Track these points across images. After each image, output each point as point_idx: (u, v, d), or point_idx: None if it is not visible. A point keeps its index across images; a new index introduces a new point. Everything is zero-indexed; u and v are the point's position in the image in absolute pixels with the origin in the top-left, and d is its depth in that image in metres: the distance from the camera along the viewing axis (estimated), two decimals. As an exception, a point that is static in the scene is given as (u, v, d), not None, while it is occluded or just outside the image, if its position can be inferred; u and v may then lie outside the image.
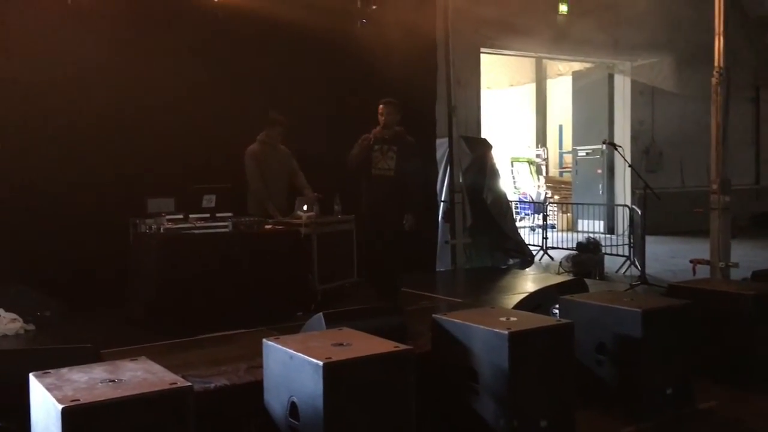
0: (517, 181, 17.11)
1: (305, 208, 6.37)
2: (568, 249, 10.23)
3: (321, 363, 2.90)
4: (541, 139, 18.11)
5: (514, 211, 11.84)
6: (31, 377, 2.73)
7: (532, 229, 13.28)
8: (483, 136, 10.02)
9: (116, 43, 6.58)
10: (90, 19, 6.34)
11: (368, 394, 3.03)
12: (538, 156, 17.70)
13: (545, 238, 10.96)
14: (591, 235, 10.54)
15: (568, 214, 14.25)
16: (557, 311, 4.46)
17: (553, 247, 10.82)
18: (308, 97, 7.47)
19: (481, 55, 10.47)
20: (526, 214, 15.32)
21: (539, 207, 14.17)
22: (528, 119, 18.32)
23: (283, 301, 5.96)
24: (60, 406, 2.37)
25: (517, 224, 11.33)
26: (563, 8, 11.25)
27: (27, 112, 6.27)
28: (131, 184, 6.59)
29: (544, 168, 17.61)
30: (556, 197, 15.76)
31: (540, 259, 10.34)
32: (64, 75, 6.36)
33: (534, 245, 10.61)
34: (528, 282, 8.17)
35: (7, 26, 6.13)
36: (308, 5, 6.99)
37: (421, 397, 3.31)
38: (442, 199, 9.09)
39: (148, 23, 6.77)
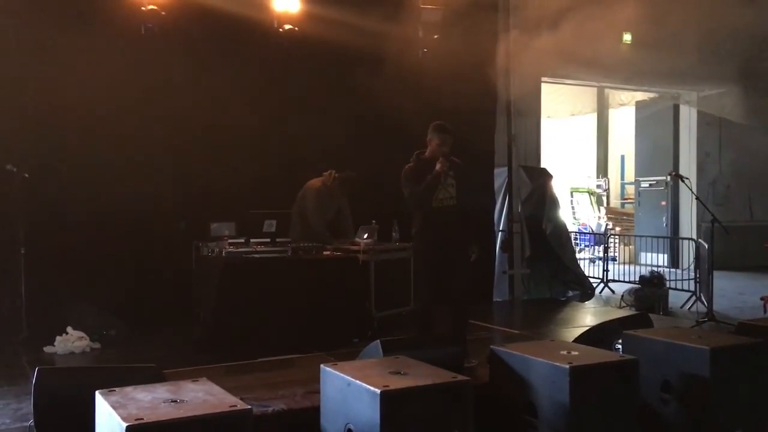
0: (576, 211, 16.84)
1: (365, 236, 6.42)
2: (630, 282, 9.97)
3: (378, 391, 2.89)
4: (602, 170, 17.81)
5: (573, 242, 11.62)
6: (97, 395, 2.80)
7: (592, 260, 13.01)
8: (542, 165, 9.91)
9: (184, 71, 6.82)
10: (160, 48, 6.59)
11: (425, 424, 2.99)
12: (598, 186, 17.40)
13: (606, 270, 10.71)
14: (654, 269, 10.25)
15: (630, 247, 13.91)
16: (620, 346, 4.33)
17: (614, 280, 10.56)
18: (368, 124, 7.55)
19: (543, 84, 10.40)
20: (585, 245, 15.03)
21: (599, 238, 13.88)
22: (589, 149, 18.05)
23: (339, 326, 5.98)
24: (125, 424, 2.43)
25: (577, 255, 11.11)
26: (627, 37, 11.09)
27: (94, 136, 6.51)
28: (196, 208, 6.76)
29: (604, 199, 17.29)
30: (617, 229, 15.42)
31: (600, 292, 10.10)
32: (132, 101, 6.62)
33: (594, 277, 10.38)
34: (588, 315, 7.98)
35: (85, 54, 6.41)
36: (370, 33, 7.09)
37: (478, 429, 3.25)
38: (501, 228, 9.01)
39: (215, 52, 6.99)
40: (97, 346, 5.76)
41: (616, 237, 14.09)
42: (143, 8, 6.03)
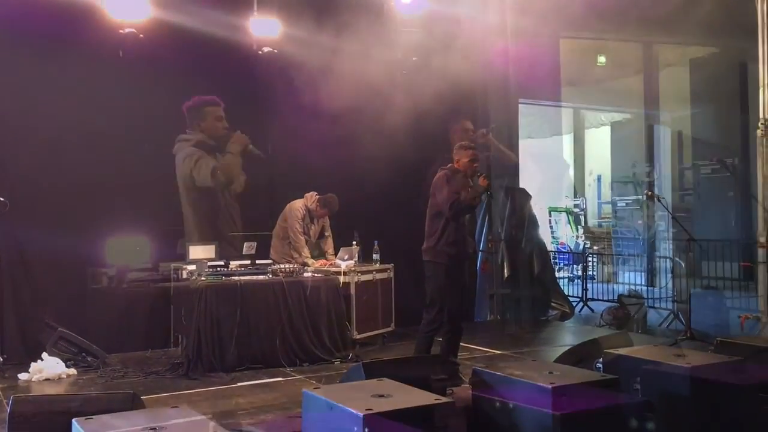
0: (555, 231, 16.94)
1: (347, 257, 6.41)
2: (608, 301, 10.02)
3: (361, 414, 2.86)
4: (580, 189, 17.98)
5: (552, 261, 11.68)
6: (74, 423, 2.74)
7: (571, 279, 13.06)
8: (521, 185, 9.98)
9: (163, 94, 6.81)
10: (138, 71, 6.55)
11: (409, 448, 2.97)
12: (576, 206, 17.54)
13: (585, 289, 10.76)
14: (633, 287, 10.33)
15: (609, 266, 14.01)
16: (601, 365, 4.34)
17: (593, 299, 10.61)
18: (348, 146, 7.54)
19: (521, 106, 10.51)
20: (564, 265, 15.11)
21: (578, 257, 13.98)
22: (567, 169, 18.24)
23: (321, 348, 5.94)
24: (103, 453, 2.38)
25: (556, 275, 11.15)
26: (601, 59, 11.28)
27: (70, 160, 6.46)
28: (174, 231, 6.71)
29: (582, 218, 17.42)
30: (595, 248, 15.53)
31: (580, 311, 10.14)
32: (109, 124, 6.59)
33: (573, 296, 10.42)
34: (568, 334, 8.01)
35: (61, 77, 6.37)
36: (350, 55, 7.11)
37: (462, 451, 3.24)
38: (481, 249, 9.03)
39: (194, 74, 6.98)
40: (73, 372, 5.65)
41: (595, 256, 14.19)
42: (121, 31, 6.01)
